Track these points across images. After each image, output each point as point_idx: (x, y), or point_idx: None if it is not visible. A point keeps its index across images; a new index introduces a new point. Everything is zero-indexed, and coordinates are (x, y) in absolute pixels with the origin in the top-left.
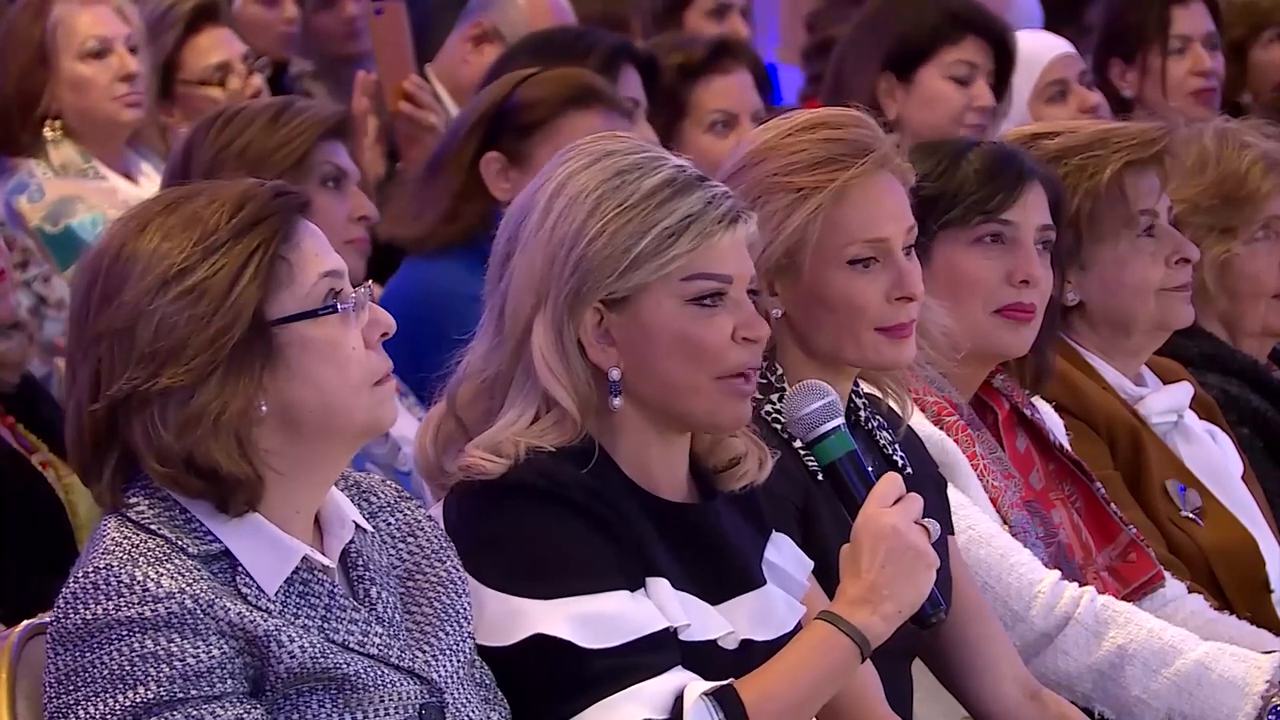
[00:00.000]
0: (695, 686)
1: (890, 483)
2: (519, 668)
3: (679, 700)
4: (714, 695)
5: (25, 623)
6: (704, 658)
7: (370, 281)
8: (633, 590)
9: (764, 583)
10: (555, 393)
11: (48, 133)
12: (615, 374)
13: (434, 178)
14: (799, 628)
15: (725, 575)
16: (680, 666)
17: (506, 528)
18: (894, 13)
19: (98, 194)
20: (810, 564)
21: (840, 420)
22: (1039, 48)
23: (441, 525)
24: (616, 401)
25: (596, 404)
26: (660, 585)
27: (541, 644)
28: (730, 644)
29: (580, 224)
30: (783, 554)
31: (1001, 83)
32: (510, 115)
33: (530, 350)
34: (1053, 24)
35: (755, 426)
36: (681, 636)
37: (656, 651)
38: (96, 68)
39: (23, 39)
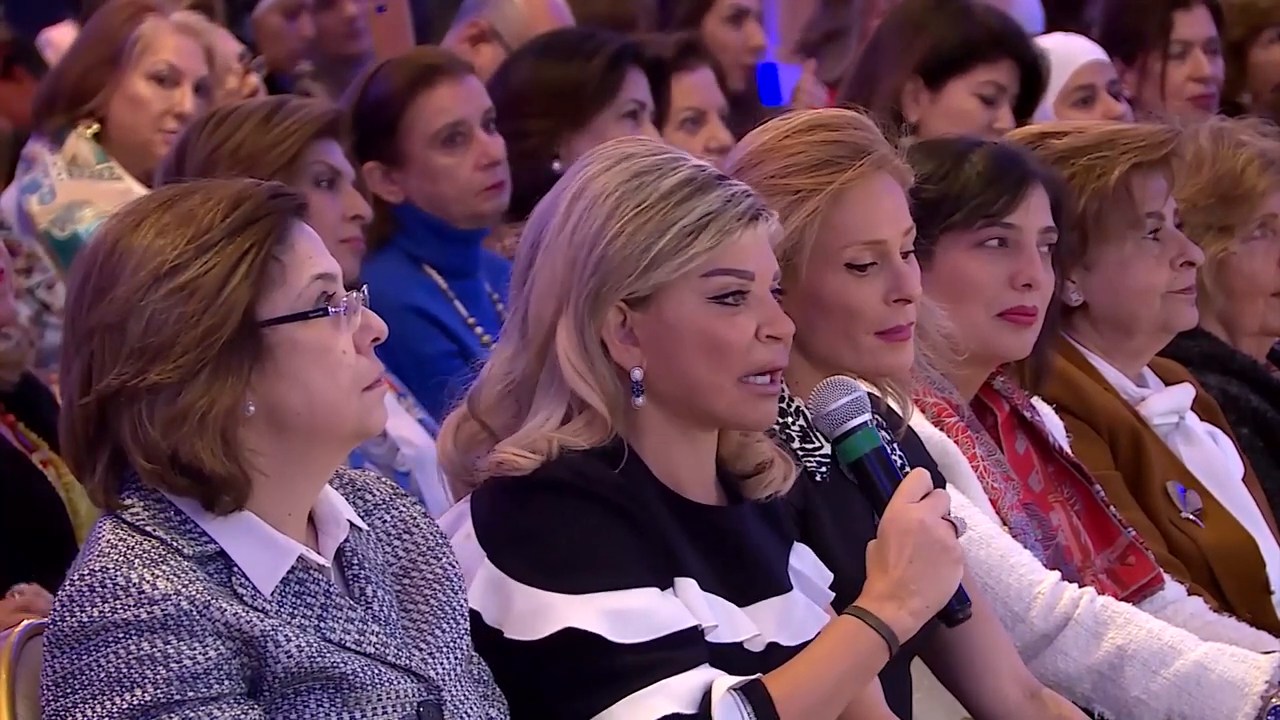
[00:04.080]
0: (723, 681)
1: (918, 478)
2: (547, 662)
3: (707, 695)
4: (742, 690)
5: (25, 623)
6: (730, 660)
7: (365, 286)
8: (662, 589)
9: (790, 588)
10: (584, 393)
11: (80, 127)
12: (638, 374)
13: None
14: None
15: (752, 578)
16: (708, 664)
17: (538, 523)
18: (936, 19)
19: (108, 196)
20: (830, 575)
21: (867, 416)
22: (1072, 50)
23: (440, 525)
24: (638, 401)
25: (623, 404)
26: (688, 586)
27: (571, 638)
28: (756, 646)
29: (600, 225)
30: (805, 563)
31: (1024, 108)
32: (368, 121)
33: (555, 353)
34: (1053, 23)
35: None
36: (708, 638)
37: (685, 647)
38: (156, 93)
39: (105, 35)
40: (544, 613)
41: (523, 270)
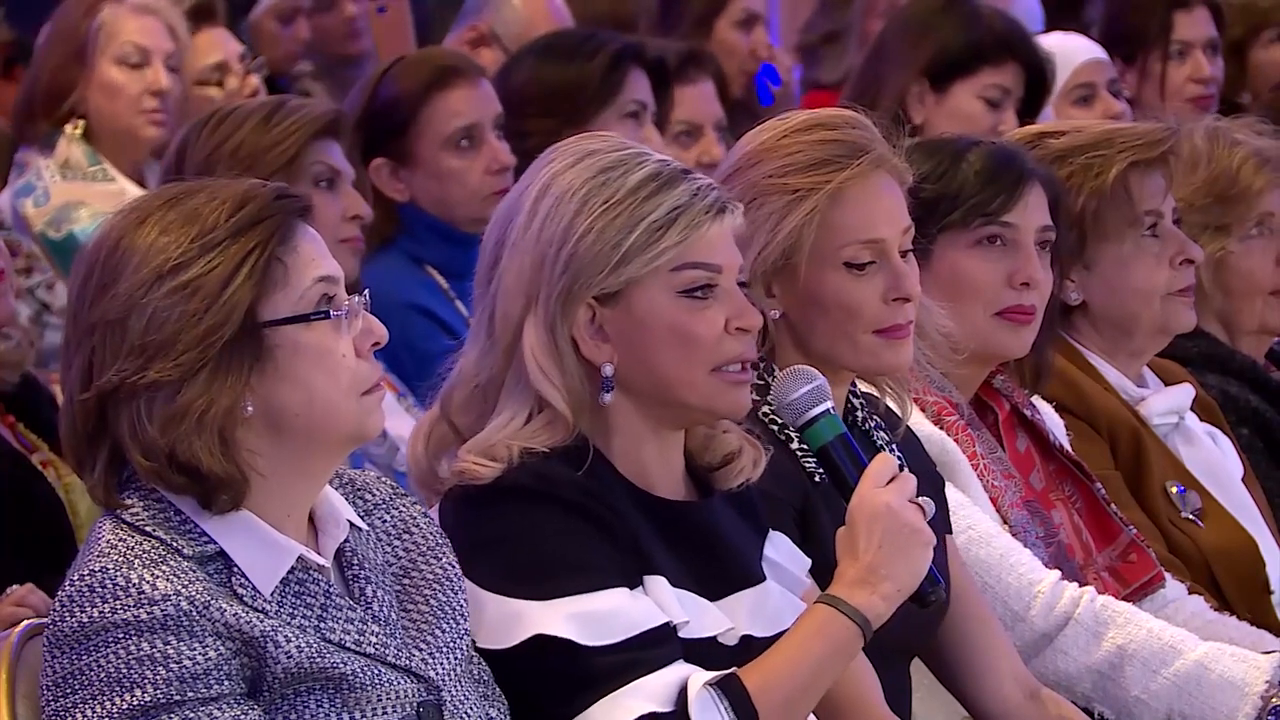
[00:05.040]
0: (698, 677)
1: (884, 463)
2: (520, 669)
3: (683, 692)
4: (718, 685)
5: (25, 623)
6: (704, 654)
7: (367, 290)
8: (631, 588)
9: (763, 579)
10: (547, 393)
11: (68, 128)
12: (608, 369)
13: None
14: None
15: (724, 572)
16: (682, 660)
17: (502, 530)
18: (943, 22)
19: (102, 197)
20: (808, 562)
21: (829, 404)
22: (1072, 49)
23: (437, 523)
24: (607, 397)
25: (590, 403)
26: (658, 583)
27: (542, 644)
28: (730, 640)
29: (568, 222)
30: (780, 552)
31: (1029, 111)
32: (380, 119)
33: (522, 352)
34: (1053, 23)
35: (752, 428)
36: (681, 634)
37: (658, 646)
38: (130, 76)
39: (67, 31)
40: (513, 620)
41: (488, 269)
